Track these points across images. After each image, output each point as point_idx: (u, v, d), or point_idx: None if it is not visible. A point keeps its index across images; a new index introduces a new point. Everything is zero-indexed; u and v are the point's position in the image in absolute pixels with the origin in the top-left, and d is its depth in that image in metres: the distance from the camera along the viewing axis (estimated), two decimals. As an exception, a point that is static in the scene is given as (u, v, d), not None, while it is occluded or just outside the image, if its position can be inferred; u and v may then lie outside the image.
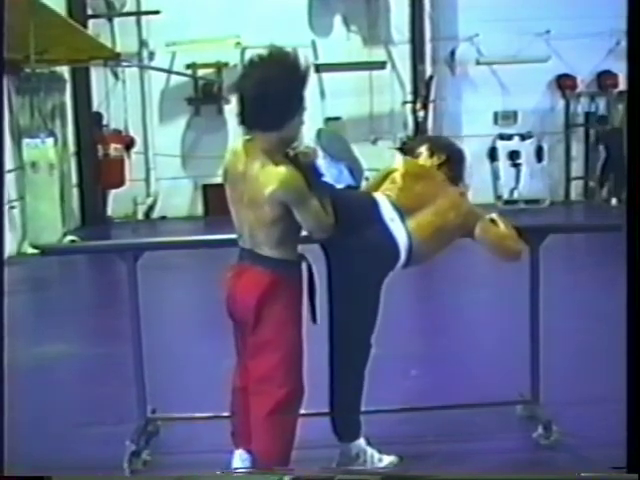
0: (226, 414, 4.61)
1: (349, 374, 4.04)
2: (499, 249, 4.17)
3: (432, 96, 16.03)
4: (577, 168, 16.92)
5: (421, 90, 16.09)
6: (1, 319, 3.26)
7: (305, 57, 3.63)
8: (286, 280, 3.60)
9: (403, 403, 4.86)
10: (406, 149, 4.67)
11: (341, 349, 3.97)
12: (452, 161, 4.38)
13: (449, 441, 4.47)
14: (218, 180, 14.98)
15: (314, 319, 3.79)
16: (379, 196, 4.04)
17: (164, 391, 5.11)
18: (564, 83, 16.56)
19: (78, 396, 5.65)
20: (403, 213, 3.94)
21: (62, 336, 7.03)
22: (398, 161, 4.47)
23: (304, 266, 3.72)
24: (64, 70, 14.52)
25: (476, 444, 4.46)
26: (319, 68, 16.10)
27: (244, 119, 3.57)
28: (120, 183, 15.95)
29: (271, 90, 3.46)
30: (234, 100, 3.66)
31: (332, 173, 3.83)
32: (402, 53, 16.57)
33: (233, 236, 3.80)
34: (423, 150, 4.40)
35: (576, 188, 16.97)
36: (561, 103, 16.86)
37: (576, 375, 5.40)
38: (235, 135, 17.58)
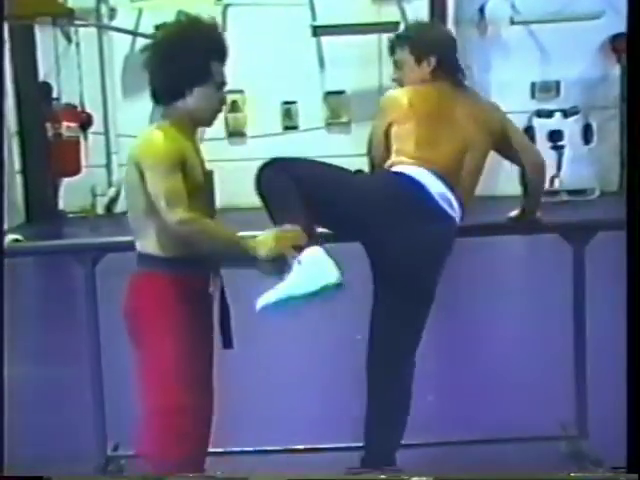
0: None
1: (397, 398, 4.14)
2: (528, 152, 4.54)
3: (455, 64, 16.05)
4: (634, 151, 16.88)
5: (442, 56, 16.11)
6: (1, 320, 3.33)
7: (215, 27, 3.76)
8: (175, 284, 3.67)
9: (421, 433, 4.88)
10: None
11: (392, 366, 4.08)
12: (446, 58, 4.28)
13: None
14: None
15: (227, 343, 3.90)
16: (409, 168, 3.99)
17: (129, 422, 5.12)
18: (621, 45, 16.33)
19: (23, 428, 5.66)
20: (444, 176, 3.98)
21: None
22: (390, 101, 4.24)
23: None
24: (2, 29, 14.52)
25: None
26: (317, 31, 16.14)
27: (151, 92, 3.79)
28: (75, 170, 15.97)
29: (161, 58, 3.69)
30: None
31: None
32: (418, 11, 16.57)
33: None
34: (405, 56, 4.25)
35: (632, 175, 16.93)
36: (616, 70, 16.79)
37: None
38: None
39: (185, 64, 3.63)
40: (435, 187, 3.96)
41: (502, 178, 17.36)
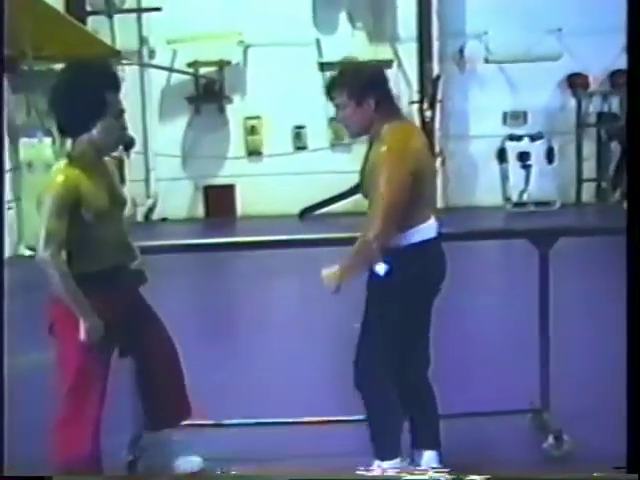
0: (227, 422, 4.62)
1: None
2: None
3: (439, 95, 16.02)
4: (589, 169, 16.90)
5: (428, 89, 16.08)
6: (1, 321, 3.27)
7: (104, 62, 3.74)
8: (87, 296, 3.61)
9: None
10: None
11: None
12: (382, 97, 3.82)
13: (456, 451, 4.43)
14: (219, 181, 15.02)
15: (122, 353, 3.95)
16: (433, 225, 3.88)
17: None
18: (576, 82, 16.57)
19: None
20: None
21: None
22: (404, 153, 3.69)
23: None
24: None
25: (483, 455, 4.43)
26: (323, 67, 16.13)
27: (58, 127, 3.73)
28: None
29: (61, 99, 3.63)
30: (236, 99, 3.73)
31: None
32: (409, 51, 16.57)
33: (236, 239, 3.80)
34: (345, 100, 3.81)
35: (588, 190, 16.94)
36: (572, 102, 16.85)
37: (579, 378, 5.38)
38: (237, 135, 17.71)
39: (83, 99, 3.55)
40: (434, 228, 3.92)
41: (480, 190, 17.46)
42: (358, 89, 3.77)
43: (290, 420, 4.76)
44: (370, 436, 4.00)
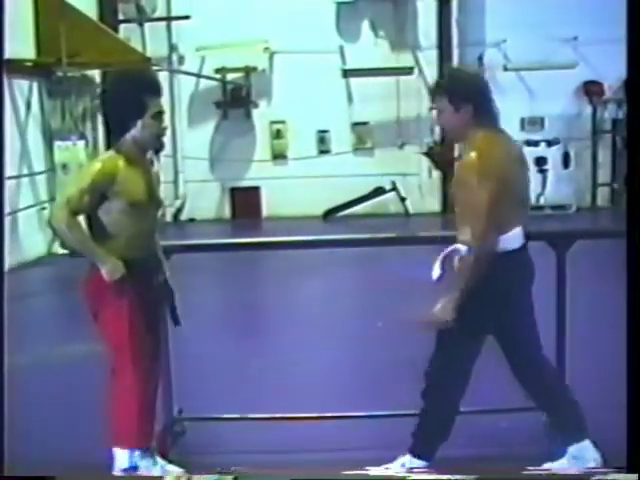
0: (253, 415, 4.62)
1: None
2: None
3: (459, 101, 15.99)
4: (604, 174, 16.81)
5: (448, 95, 16.03)
6: (1, 321, 3.28)
7: (146, 69, 4.02)
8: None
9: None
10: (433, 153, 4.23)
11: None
12: (481, 106, 3.93)
13: (473, 447, 4.40)
14: (245, 183, 15.07)
15: (176, 321, 4.14)
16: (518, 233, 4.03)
17: (191, 392, 5.09)
18: (591, 89, 16.49)
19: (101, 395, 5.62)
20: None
21: (87, 335, 7.01)
22: (489, 165, 3.76)
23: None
24: (95, 74, 14.62)
25: (501, 448, 4.40)
26: (346, 73, 16.17)
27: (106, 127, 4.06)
28: (149, 185, 15.98)
29: (107, 102, 3.99)
30: (262, 104, 3.82)
31: None
32: (429, 58, 16.53)
33: (261, 239, 3.80)
34: (445, 105, 3.86)
35: (602, 194, 16.86)
36: (588, 109, 16.77)
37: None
38: (262, 138, 17.71)
39: (124, 102, 3.81)
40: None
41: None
42: (458, 95, 3.85)
43: (313, 415, 4.76)
44: (414, 431, 3.99)
